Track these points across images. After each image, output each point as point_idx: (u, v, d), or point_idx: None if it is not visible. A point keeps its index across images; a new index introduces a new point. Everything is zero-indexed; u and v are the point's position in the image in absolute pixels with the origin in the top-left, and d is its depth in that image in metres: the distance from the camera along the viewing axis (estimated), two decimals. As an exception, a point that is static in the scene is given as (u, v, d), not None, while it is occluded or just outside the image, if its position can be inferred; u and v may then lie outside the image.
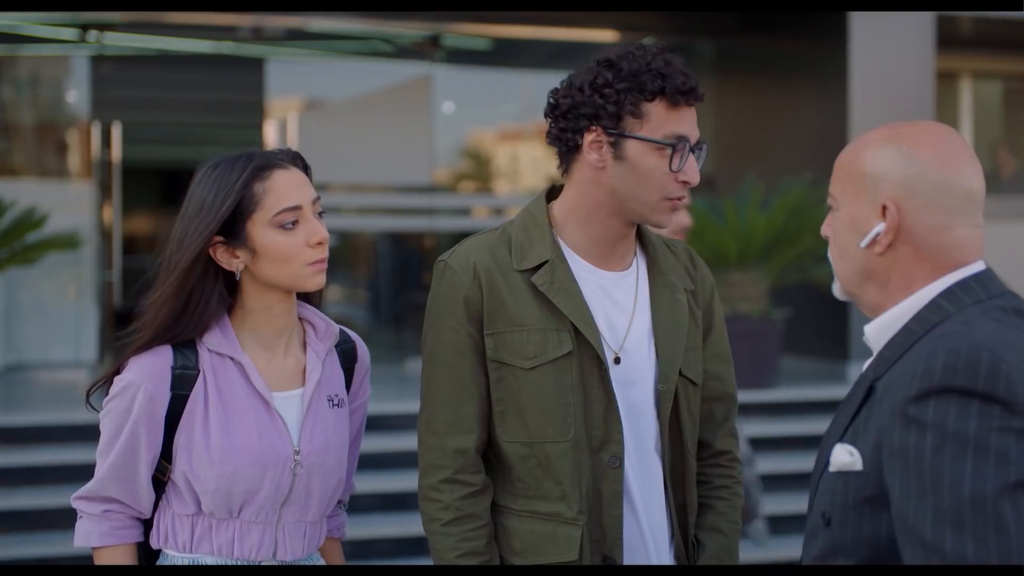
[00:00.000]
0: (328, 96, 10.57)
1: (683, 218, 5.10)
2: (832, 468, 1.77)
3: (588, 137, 2.31)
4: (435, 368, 2.36)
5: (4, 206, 6.68)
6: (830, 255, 1.90)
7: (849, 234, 1.82)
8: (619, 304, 2.40)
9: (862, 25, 8.05)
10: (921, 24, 8.15)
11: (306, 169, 2.34)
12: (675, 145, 2.27)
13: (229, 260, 2.27)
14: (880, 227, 1.78)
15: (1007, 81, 10.86)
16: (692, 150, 2.30)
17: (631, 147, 2.29)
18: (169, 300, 2.25)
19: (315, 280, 2.28)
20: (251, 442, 2.25)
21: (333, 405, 2.36)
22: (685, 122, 2.29)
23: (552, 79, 2.42)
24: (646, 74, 2.26)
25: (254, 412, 2.28)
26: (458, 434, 2.33)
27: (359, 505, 5.86)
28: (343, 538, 2.58)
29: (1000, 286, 1.82)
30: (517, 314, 2.33)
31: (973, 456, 1.56)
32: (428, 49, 9.94)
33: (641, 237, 2.47)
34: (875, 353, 1.82)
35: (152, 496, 2.30)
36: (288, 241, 2.25)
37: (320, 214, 2.30)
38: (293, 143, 9.46)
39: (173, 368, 2.26)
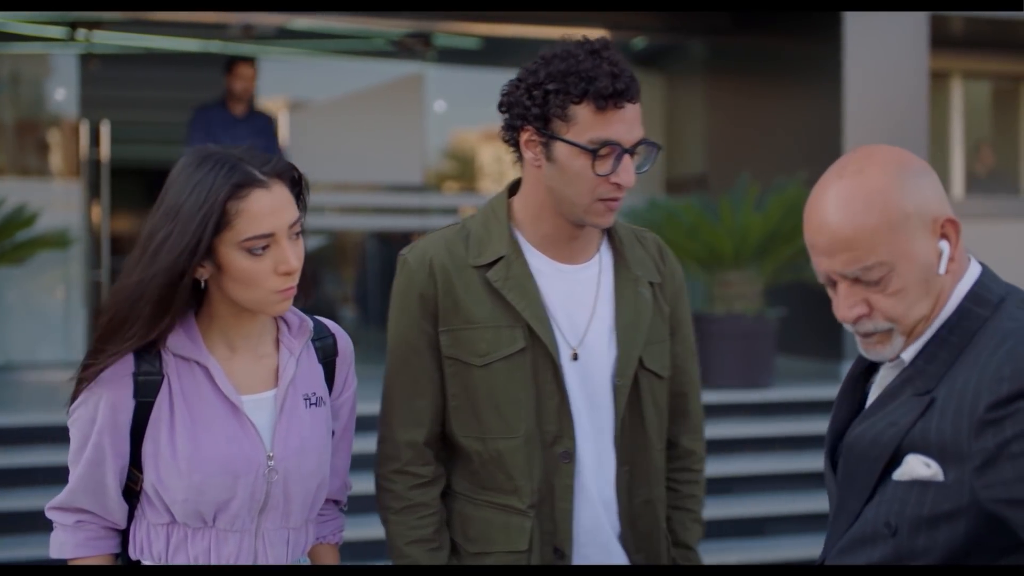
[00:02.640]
0: (318, 95, 10.51)
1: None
2: (904, 477, 1.74)
3: (523, 136, 2.31)
4: (392, 362, 2.40)
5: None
6: (890, 319, 1.77)
7: (920, 278, 1.75)
8: (580, 298, 2.39)
9: (856, 24, 8.03)
10: (915, 24, 8.14)
11: (296, 181, 2.19)
12: (597, 151, 2.23)
13: (199, 271, 2.13)
14: (946, 245, 1.76)
15: (997, 81, 10.86)
16: (628, 152, 2.25)
17: (559, 149, 2.28)
18: (141, 314, 2.10)
19: (279, 307, 2.16)
20: (219, 449, 2.14)
21: (310, 404, 2.25)
22: (613, 126, 2.23)
23: None
24: (572, 76, 2.22)
25: (222, 418, 2.16)
26: (409, 427, 2.38)
27: (354, 506, 5.78)
28: (339, 543, 2.46)
29: (999, 278, 1.84)
30: (471, 311, 2.33)
31: None
32: (419, 48, 9.90)
33: (608, 228, 2.45)
34: (903, 365, 1.79)
35: (124, 507, 2.21)
36: (255, 267, 2.11)
37: (299, 234, 2.15)
38: (283, 142, 9.41)
39: (135, 375, 2.15)
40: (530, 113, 2.27)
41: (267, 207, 2.10)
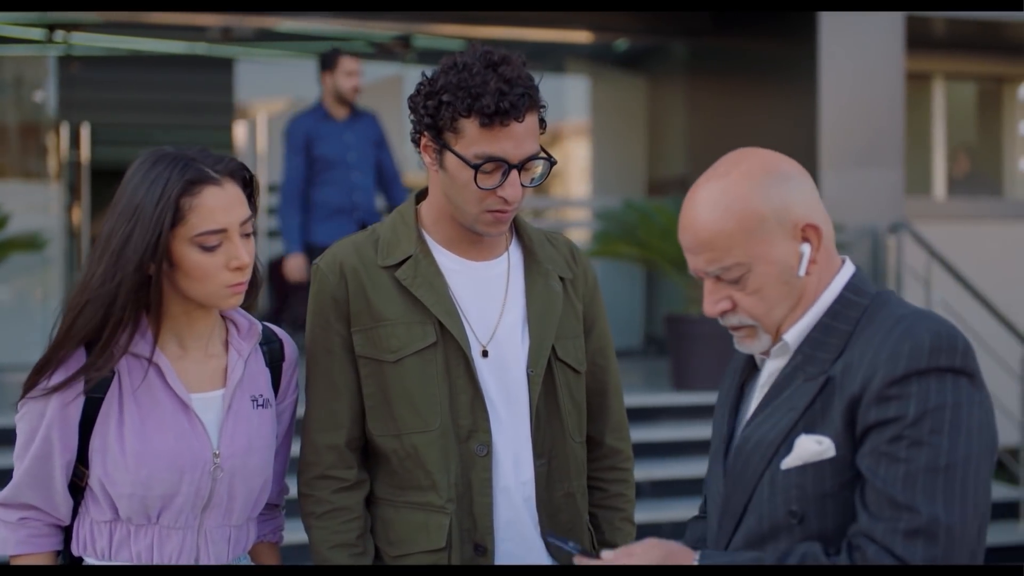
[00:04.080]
0: (299, 97, 10.50)
1: None
2: (795, 462, 1.79)
3: (422, 141, 2.35)
4: (308, 367, 2.43)
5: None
6: (752, 316, 1.87)
7: (778, 279, 1.85)
8: (490, 293, 2.43)
9: (831, 25, 8.03)
10: (891, 24, 8.14)
11: (248, 182, 2.25)
12: (480, 166, 2.26)
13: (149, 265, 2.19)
14: (807, 248, 1.85)
15: (981, 83, 10.87)
16: (515, 167, 2.28)
17: (448, 159, 2.31)
18: (97, 311, 2.16)
19: (231, 301, 2.22)
20: (167, 445, 2.19)
21: (257, 406, 2.31)
22: (499, 143, 2.26)
23: None
24: (461, 91, 2.25)
25: (171, 414, 2.21)
26: (328, 431, 2.40)
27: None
28: (280, 542, 2.51)
29: (870, 281, 1.96)
30: (381, 309, 2.37)
31: (950, 427, 1.70)
32: (399, 50, 9.91)
33: (517, 226, 2.50)
34: (788, 354, 1.88)
35: (70, 502, 2.24)
36: (207, 261, 2.17)
37: (249, 233, 2.21)
38: (263, 144, 9.41)
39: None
40: (423, 121, 2.31)
41: (220, 203, 2.16)
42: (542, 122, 2.35)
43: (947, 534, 1.67)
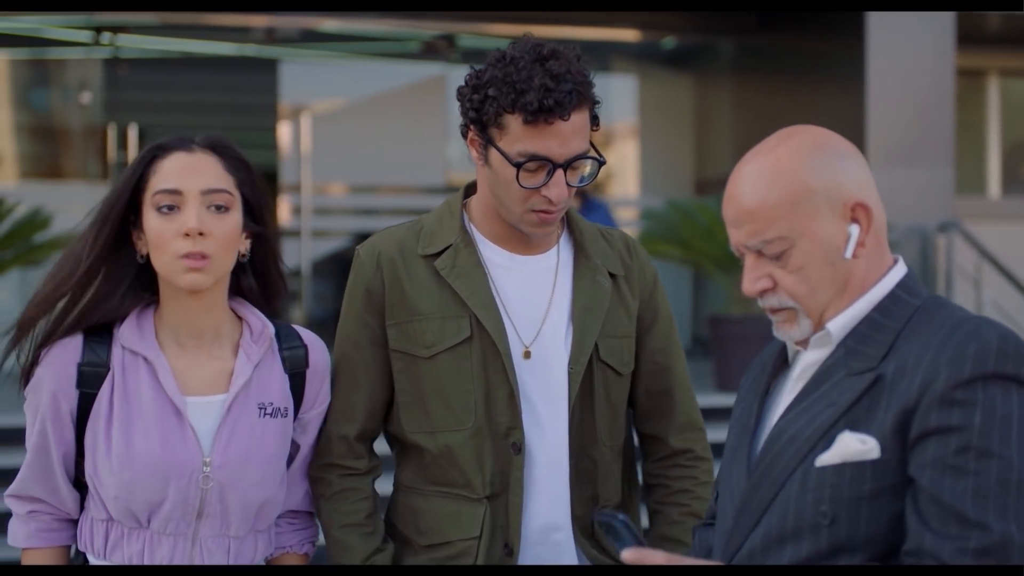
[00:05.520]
0: (342, 97, 10.53)
1: None
2: (833, 460, 1.69)
3: (469, 134, 2.28)
4: (335, 356, 2.37)
5: (7, 208, 6.68)
6: (793, 297, 1.77)
7: (823, 258, 1.75)
8: (536, 289, 2.34)
9: (880, 23, 7.91)
10: (941, 22, 8.00)
11: (227, 156, 2.17)
12: (522, 164, 2.18)
13: (138, 243, 2.14)
14: (855, 229, 1.75)
15: (1038, 79, 10.68)
16: (560, 167, 2.19)
17: (493, 155, 2.24)
18: (67, 278, 2.11)
19: (186, 278, 2.09)
20: (152, 450, 2.09)
21: (265, 414, 2.18)
22: (543, 140, 2.17)
23: None
24: (504, 85, 2.17)
25: (160, 417, 2.11)
26: (341, 422, 2.35)
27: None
28: (309, 553, 2.39)
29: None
30: (416, 303, 2.30)
31: (1018, 440, 1.60)
32: (443, 49, 9.89)
33: (569, 220, 2.42)
34: (830, 346, 1.78)
35: (76, 496, 2.19)
36: (161, 226, 2.08)
37: (220, 207, 2.11)
38: (307, 145, 9.43)
39: (80, 364, 2.12)
40: (469, 115, 2.25)
41: (180, 166, 2.11)
42: (595, 119, 2.25)
43: (1021, 554, 1.57)
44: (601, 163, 2.28)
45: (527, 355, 2.31)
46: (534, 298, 2.34)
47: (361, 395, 2.35)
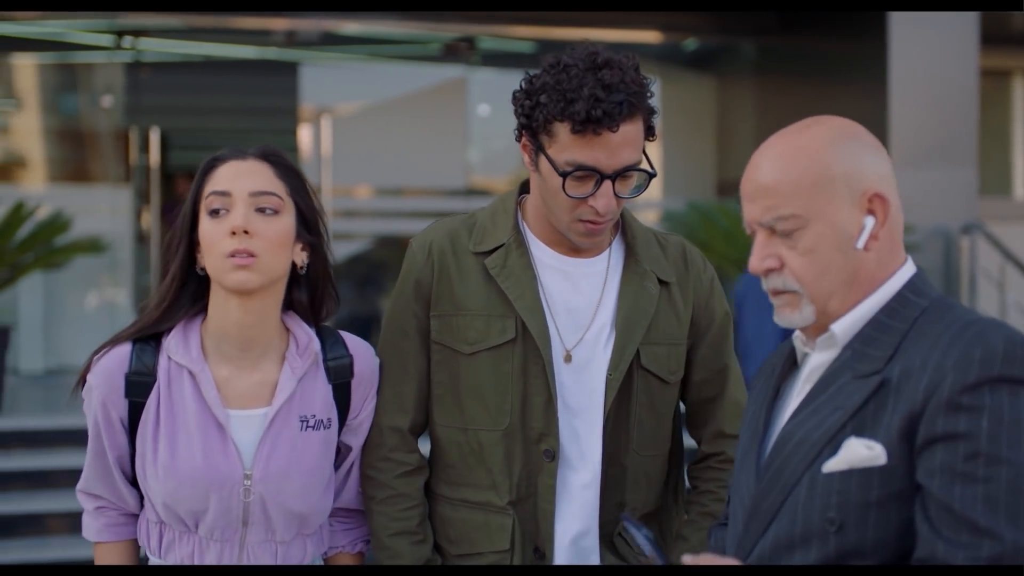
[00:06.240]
0: (362, 100, 10.54)
1: None
2: (840, 466, 1.68)
3: (522, 139, 2.27)
4: (382, 346, 2.37)
5: (27, 211, 6.72)
6: (799, 280, 1.75)
7: (834, 244, 1.74)
8: (584, 292, 2.32)
9: (902, 24, 7.86)
10: (964, 21, 7.95)
11: (279, 164, 2.22)
12: (568, 174, 2.17)
13: (199, 256, 2.20)
14: (871, 221, 1.74)
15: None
16: (609, 178, 2.17)
17: (542, 162, 2.22)
18: (156, 298, 2.21)
19: (233, 277, 2.12)
20: (195, 462, 2.14)
21: (307, 427, 2.21)
22: (591, 151, 2.15)
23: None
24: (554, 93, 2.16)
25: (202, 430, 2.15)
26: (393, 413, 2.34)
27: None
28: (363, 551, 2.42)
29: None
30: (464, 298, 2.30)
31: None
32: (463, 52, 9.89)
33: (624, 224, 2.39)
34: (836, 349, 1.76)
35: (136, 495, 2.25)
36: (212, 228, 2.14)
37: (268, 210, 2.15)
38: (327, 147, 9.44)
39: (127, 375, 2.16)
40: (520, 121, 2.24)
41: (231, 171, 2.17)
42: (650, 129, 2.23)
43: None
44: (652, 175, 2.25)
45: (568, 359, 2.29)
46: (582, 302, 2.32)
47: (412, 385, 2.35)
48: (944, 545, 1.58)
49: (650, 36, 9.99)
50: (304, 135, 10.28)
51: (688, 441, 2.51)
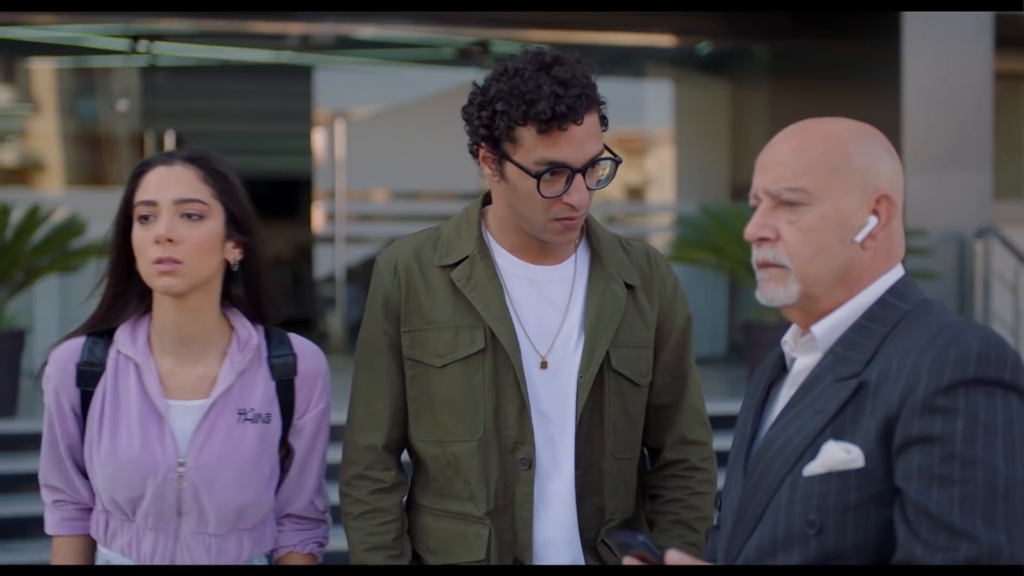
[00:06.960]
0: (376, 104, 10.57)
1: None
2: (819, 469, 1.69)
3: (480, 152, 2.27)
4: (356, 364, 2.40)
5: (43, 215, 6.74)
6: (790, 255, 1.76)
7: (834, 229, 1.75)
8: (551, 300, 2.34)
9: (915, 26, 7.85)
10: (978, 24, 7.93)
11: (205, 168, 2.29)
12: (542, 174, 2.18)
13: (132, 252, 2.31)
14: (874, 221, 1.76)
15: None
16: (579, 171, 2.20)
17: (509, 169, 2.23)
18: (102, 297, 2.32)
19: (159, 281, 2.23)
20: (132, 449, 2.24)
21: (245, 419, 2.29)
22: (559, 147, 2.17)
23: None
24: (512, 98, 2.16)
25: (142, 418, 2.26)
26: (368, 431, 2.37)
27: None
28: (314, 553, 2.45)
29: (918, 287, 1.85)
30: (431, 312, 2.32)
31: (1003, 446, 1.58)
32: (477, 56, 9.91)
33: (588, 229, 2.41)
34: (817, 353, 1.77)
35: (89, 486, 2.33)
36: (140, 235, 2.24)
37: (193, 216, 2.24)
38: (341, 151, 9.47)
39: (78, 364, 2.30)
40: (479, 132, 2.24)
41: (157, 179, 2.25)
42: (603, 120, 2.26)
43: (1011, 563, 1.55)
44: (618, 162, 2.27)
45: (544, 365, 2.31)
46: (549, 309, 2.34)
47: (385, 403, 2.36)
48: (922, 548, 1.58)
49: (664, 40, 9.99)
50: (319, 139, 10.32)
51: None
